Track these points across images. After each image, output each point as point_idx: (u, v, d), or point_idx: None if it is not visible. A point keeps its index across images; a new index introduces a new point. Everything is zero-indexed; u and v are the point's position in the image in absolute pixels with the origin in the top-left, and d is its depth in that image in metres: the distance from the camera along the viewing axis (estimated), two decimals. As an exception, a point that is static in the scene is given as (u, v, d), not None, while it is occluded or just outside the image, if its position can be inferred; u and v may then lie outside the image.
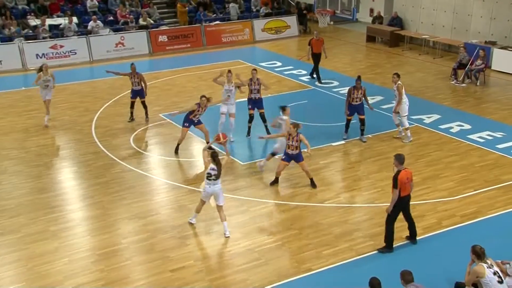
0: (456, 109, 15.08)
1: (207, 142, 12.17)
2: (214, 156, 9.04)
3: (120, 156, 12.35)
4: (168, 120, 14.32)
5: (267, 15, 24.57)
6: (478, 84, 17.01)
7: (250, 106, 13.03)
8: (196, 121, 12.23)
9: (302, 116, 14.47)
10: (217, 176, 9.04)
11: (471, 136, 13.10)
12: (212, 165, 9.03)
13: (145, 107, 14.32)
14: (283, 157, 10.86)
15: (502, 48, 18.24)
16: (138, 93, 14.11)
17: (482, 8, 19.80)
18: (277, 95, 16.46)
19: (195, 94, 16.59)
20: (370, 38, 22.94)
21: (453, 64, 17.71)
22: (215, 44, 22.01)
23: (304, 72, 18.24)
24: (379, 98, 15.90)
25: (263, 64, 19.87)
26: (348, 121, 12.83)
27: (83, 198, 10.64)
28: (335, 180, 11.33)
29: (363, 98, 12.68)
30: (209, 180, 9.07)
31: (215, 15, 23.74)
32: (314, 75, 17.64)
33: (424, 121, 14.22)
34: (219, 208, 9.29)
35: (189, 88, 17.32)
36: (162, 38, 21.63)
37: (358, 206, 10.27)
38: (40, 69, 14.20)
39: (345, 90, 16.66)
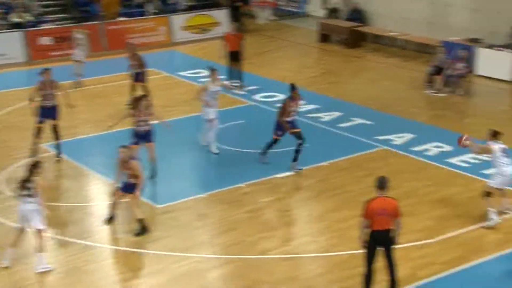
0: (434, 126, 15.78)
1: None
2: (32, 167, 9.86)
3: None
4: (52, 152, 14.16)
5: (189, 8, 24.86)
6: (460, 93, 17.89)
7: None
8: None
9: (237, 139, 14.73)
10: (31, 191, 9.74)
11: (452, 160, 13.73)
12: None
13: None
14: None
15: (488, 47, 19.34)
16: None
17: (464, -3, 20.95)
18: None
19: (89, 116, 16.54)
20: (324, 37, 23.64)
21: (429, 69, 18.59)
22: (119, 48, 21.88)
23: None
24: (336, 114, 16.42)
25: (184, 73, 20.03)
26: (275, 141, 13.36)
27: None
28: (281, 224, 11.55)
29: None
30: (22, 195, 9.78)
31: (121, 8, 23.87)
32: (243, 81, 18.37)
33: (394, 142, 14.78)
34: (38, 234, 9.84)
35: (82, 108, 17.15)
36: (45, 41, 21.47)
37: (311, 257, 10.48)
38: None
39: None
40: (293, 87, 13.10)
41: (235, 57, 18.35)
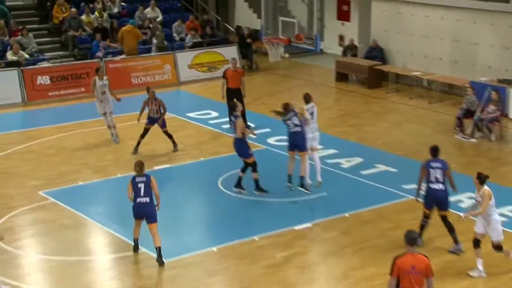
0: (466, 174, 15.33)
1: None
2: None
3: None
4: (53, 200, 14.08)
5: (195, 45, 24.91)
6: (493, 139, 17.61)
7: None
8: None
9: (249, 187, 14.36)
10: None
11: (488, 213, 13.35)
12: None
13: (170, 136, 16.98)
14: None
15: (521, 88, 19.16)
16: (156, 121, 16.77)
17: (491, 34, 20.81)
18: (213, 158, 16.45)
19: (91, 160, 16.43)
20: (341, 76, 23.63)
21: (458, 112, 18.35)
22: (122, 87, 21.99)
23: (252, 125, 18.38)
24: (358, 160, 16.20)
25: (191, 114, 19.94)
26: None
27: None
28: (301, 281, 11.22)
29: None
30: None
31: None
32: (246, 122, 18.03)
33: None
34: None
35: (84, 151, 17.03)
36: (43, 80, 21.56)
37: (335, 320, 10.18)
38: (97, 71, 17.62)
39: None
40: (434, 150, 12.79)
41: (235, 95, 17.57)
